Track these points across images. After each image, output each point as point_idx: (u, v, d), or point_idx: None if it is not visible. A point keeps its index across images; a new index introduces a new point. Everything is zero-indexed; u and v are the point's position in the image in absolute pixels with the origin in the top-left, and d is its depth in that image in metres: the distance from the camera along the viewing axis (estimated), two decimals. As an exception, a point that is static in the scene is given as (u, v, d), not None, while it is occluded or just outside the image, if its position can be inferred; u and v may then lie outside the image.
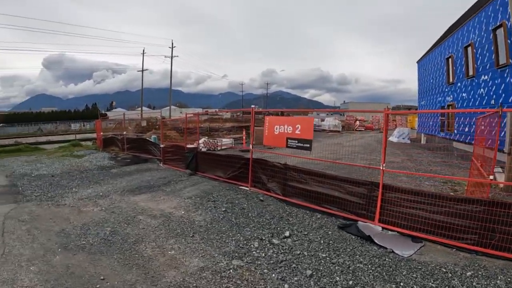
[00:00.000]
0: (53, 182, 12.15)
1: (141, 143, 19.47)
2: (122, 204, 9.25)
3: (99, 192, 10.70)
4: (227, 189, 10.24)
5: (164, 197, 9.66)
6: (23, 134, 48.84)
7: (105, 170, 15.04)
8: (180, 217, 7.84)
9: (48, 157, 19.02)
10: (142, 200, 9.40)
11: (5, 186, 11.52)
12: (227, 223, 7.42)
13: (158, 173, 13.87)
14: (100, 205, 9.24)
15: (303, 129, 8.72)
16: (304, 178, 8.63)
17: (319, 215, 7.85)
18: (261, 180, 9.90)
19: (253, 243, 6.28)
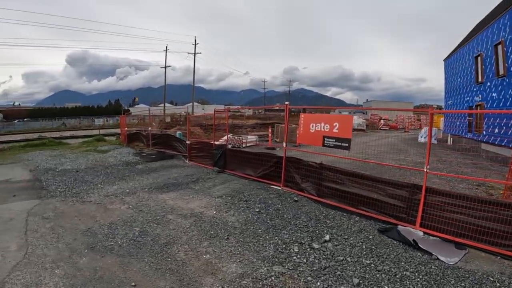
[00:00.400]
0: (78, 178, 11.94)
1: (166, 139, 19.29)
2: (150, 202, 8.94)
3: (125, 189, 10.44)
4: (258, 188, 9.89)
5: (193, 196, 9.36)
6: (47, 129, 49.75)
7: (130, 166, 14.82)
8: (212, 217, 7.53)
9: (72, 152, 19.00)
10: (171, 198, 9.13)
11: (28, 181, 11.37)
12: (262, 224, 7.06)
13: (184, 170, 13.51)
14: (127, 202, 8.96)
15: (342, 128, 8.44)
16: (340, 178, 8.35)
17: (356, 217, 7.55)
18: (294, 179, 9.64)
19: (293, 248, 5.95)
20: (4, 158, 17.09)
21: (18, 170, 13.46)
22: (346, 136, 8.32)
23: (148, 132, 20.46)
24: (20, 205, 8.61)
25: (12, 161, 15.90)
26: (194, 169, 13.45)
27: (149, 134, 20.29)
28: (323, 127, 8.80)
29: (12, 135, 38.41)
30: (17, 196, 9.46)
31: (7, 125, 55.27)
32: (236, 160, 12.28)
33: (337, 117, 9.17)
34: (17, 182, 11.20)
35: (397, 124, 50.75)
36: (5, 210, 8.16)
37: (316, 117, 9.24)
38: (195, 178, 11.64)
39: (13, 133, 42.71)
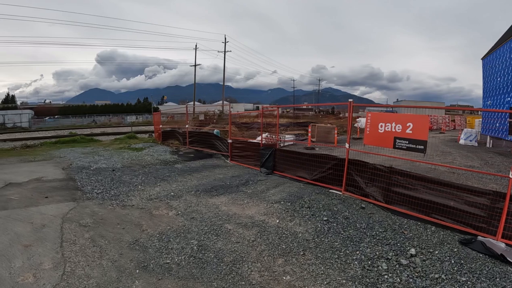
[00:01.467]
0: (115, 178, 11.03)
1: (205, 137, 18.56)
2: (200, 207, 7.99)
3: (169, 191, 9.56)
4: (317, 193, 9.10)
5: (247, 201, 8.57)
6: (77, 126, 50.34)
7: (169, 165, 13.97)
8: (277, 227, 6.74)
9: (105, 149, 18.31)
10: (223, 203, 8.34)
11: (62, 180, 10.49)
12: (337, 236, 6.33)
13: (228, 170, 12.77)
14: (174, 207, 8.01)
15: (416, 128, 7.83)
16: (411, 183, 7.75)
17: (432, 227, 6.85)
18: (357, 183, 9.00)
19: (381, 264, 5.24)
20: (36, 154, 16.47)
21: (50, 168, 12.68)
22: (421, 138, 7.75)
23: (185, 130, 19.51)
24: (53, 209, 7.67)
25: (43, 158, 15.23)
26: (238, 170, 12.75)
27: (185, 132, 19.48)
28: (395, 127, 8.20)
29: (43, 131, 38.84)
30: (50, 198, 8.55)
31: (38, 121, 56.23)
32: (287, 161, 11.64)
33: (411, 117, 8.47)
34: (49, 181, 10.35)
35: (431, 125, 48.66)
36: (36, 215, 7.21)
37: (386, 116, 8.66)
38: (244, 180, 10.84)
39: (43, 129, 43.25)
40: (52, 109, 76.16)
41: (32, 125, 52.31)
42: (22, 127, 49.62)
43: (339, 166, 9.47)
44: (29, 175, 11.21)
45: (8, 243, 5.69)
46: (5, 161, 14.41)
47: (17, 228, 6.43)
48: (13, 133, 37.15)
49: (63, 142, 22.83)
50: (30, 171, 11.96)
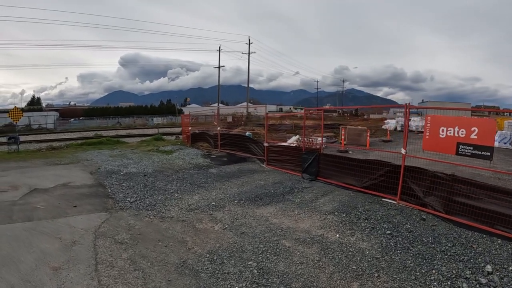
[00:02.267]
0: (148, 184, 10.22)
1: (238, 140, 17.72)
2: (248, 220, 7.16)
3: (210, 200, 8.70)
4: (370, 202, 8.45)
5: (298, 211, 7.80)
6: (102, 127, 50.46)
7: (202, 169, 13.14)
8: (339, 243, 6.05)
9: (133, 152, 17.63)
10: (273, 215, 7.55)
11: (91, 186, 9.72)
12: (406, 253, 5.68)
13: (267, 176, 11.89)
14: (219, 220, 7.17)
15: (482, 133, 7.31)
16: (475, 192, 7.22)
17: (498, 239, 6.28)
18: (414, 192, 8.44)
19: (461, 285, 4.73)
20: (62, 157, 15.90)
21: (77, 172, 11.98)
22: (487, 144, 7.29)
23: (217, 132, 18.74)
24: (83, 221, 6.86)
25: (70, 160, 14.61)
26: (277, 175, 11.94)
27: (217, 134, 18.68)
28: (458, 132, 7.70)
29: (68, 133, 39.07)
30: (79, 207, 7.76)
31: (63, 123, 56.90)
32: (333, 167, 10.94)
33: (476, 121, 8.02)
34: (77, 188, 9.60)
35: None
36: (65, 228, 6.39)
37: (448, 120, 8.13)
38: (288, 188, 10.01)
39: (69, 131, 43.62)
40: (77, 111, 77.20)
41: (57, 126, 52.94)
42: (48, 128, 50.14)
43: (393, 173, 8.87)
44: (56, 179, 10.51)
45: (33, 265, 4.86)
46: (31, 164, 13.83)
47: (44, 245, 5.60)
48: (38, 134, 37.27)
49: (89, 144, 22.37)
50: (57, 175, 11.28)
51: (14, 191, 9.07)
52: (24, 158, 15.68)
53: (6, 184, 10.00)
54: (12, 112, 19.75)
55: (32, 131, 44.06)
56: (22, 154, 17.30)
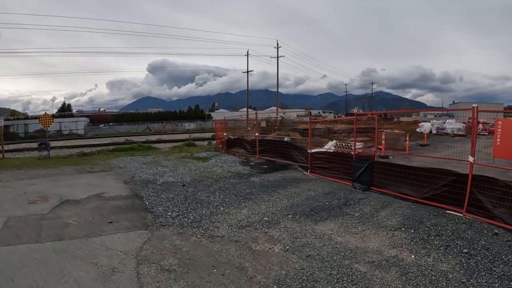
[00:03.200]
0: (188, 195, 9.34)
1: (277, 146, 16.77)
2: (310, 239, 6.32)
3: (260, 214, 7.82)
4: (435, 215, 7.72)
5: (361, 227, 7.01)
6: (132, 133, 50.74)
7: (244, 178, 12.23)
8: (417, 265, 5.31)
9: (166, 158, 16.87)
10: (335, 232, 6.74)
11: (126, 198, 8.88)
12: (491, 274, 4.98)
13: (314, 185, 10.99)
14: (277, 239, 6.32)
15: None
16: None
17: None
18: (481, 203, 7.75)
19: None
20: (93, 163, 15.28)
21: (111, 181, 11.24)
22: None
23: (255, 138, 17.92)
24: (122, 241, 5.97)
25: (102, 168, 13.93)
26: (325, 185, 11.08)
27: (255, 140, 17.77)
28: None
29: (98, 138, 39.39)
30: (115, 223, 6.89)
31: (93, 129, 57.68)
32: (388, 176, 10.20)
33: None
34: (112, 199, 8.78)
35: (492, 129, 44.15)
36: (101, 250, 5.49)
37: None
38: (342, 199, 9.15)
39: (99, 136, 44.05)
40: (106, 117, 78.19)
41: (88, 132, 53.65)
42: (78, 134, 50.83)
43: (458, 182, 8.23)
44: (88, 189, 9.76)
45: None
46: (61, 171, 13.21)
47: (77, 272, 4.73)
48: (69, 140, 37.53)
49: (121, 150, 21.91)
50: (89, 184, 10.55)
51: (43, 203, 8.35)
52: (54, 165, 15.16)
53: (35, 193, 9.30)
54: (43, 119, 19.41)
55: (63, 137, 44.73)
56: (52, 161, 16.84)
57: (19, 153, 23.69)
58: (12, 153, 23.20)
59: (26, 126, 52.60)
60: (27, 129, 52.10)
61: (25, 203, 8.38)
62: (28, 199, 8.73)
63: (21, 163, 16.09)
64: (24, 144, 33.46)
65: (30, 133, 50.69)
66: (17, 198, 8.85)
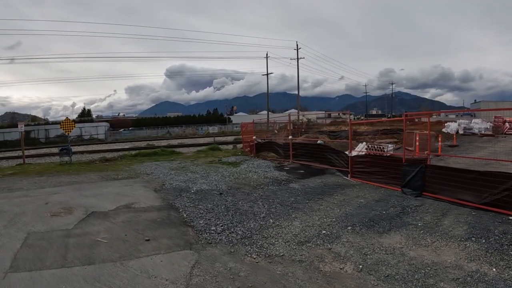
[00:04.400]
0: (229, 205, 8.36)
1: (313, 150, 15.76)
2: (381, 255, 5.52)
3: (315, 226, 6.93)
4: (499, 222, 7.06)
5: (430, 239, 6.24)
6: (152, 137, 50.36)
7: (283, 185, 11.22)
8: (503, 280, 4.65)
9: (193, 164, 15.97)
10: (404, 246, 5.95)
11: (160, 209, 7.91)
12: None
13: (360, 191, 10.13)
14: (345, 257, 5.45)
15: None
16: None
17: None
18: None
19: None
20: (117, 169, 14.45)
21: (139, 189, 10.33)
22: None
23: (288, 141, 17.08)
24: (165, 265, 5.01)
25: (128, 174, 13.04)
26: (372, 191, 10.24)
27: (288, 144, 16.86)
28: None
29: (119, 143, 39.05)
30: (153, 241, 5.89)
31: (113, 133, 57.55)
32: (443, 181, 9.55)
33: None
34: (143, 211, 7.82)
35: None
36: (142, 278, 4.54)
37: None
38: (398, 207, 8.31)
39: (120, 141, 43.87)
40: (126, 122, 78.32)
41: (108, 137, 53.59)
42: (99, 138, 50.69)
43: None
44: (116, 199, 8.85)
45: None
46: (85, 178, 12.37)
47: (116, 311, 3.67)
48: (90, 144, 37.20)
49: (144, 154, 21.14)
50: (116, 193, 9.66)
51: (67, 215, 7.45)
52: (76, 171, 14.40)
53: (58, 204, 8.42)
54: (64, 124, 18.75)
55: (84, 142, 44.57)
56: (74, 166, 16.11)
57: (40, 158, 23.38)
58: (33, 159, 22.95)
59: (47, 131, 52.77)
60: (48, 134, 52.24)
61: (48, 215, 7.50)
62: (50, 210, 7.85)
63: (42, 169, 15.43)
64: (45, 149, 33.35)
65: (51, 138, 50.88)
66: (38, 210, 8.00)
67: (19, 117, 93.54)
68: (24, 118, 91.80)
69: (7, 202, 9.00)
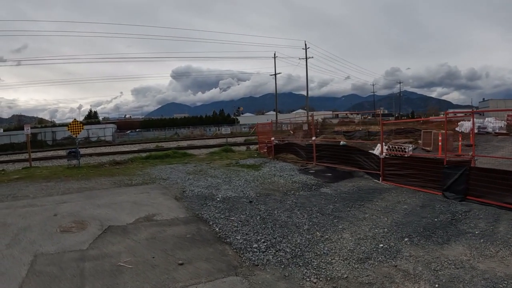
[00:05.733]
0: (264, 216, 7.35)
1: (338, 151, 14.86)
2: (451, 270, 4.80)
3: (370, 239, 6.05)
4: None
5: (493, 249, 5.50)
6: (161, 138, 49.60)
7: (314, 190, 10.20)
8: None
9: (210, 167, 15.04)
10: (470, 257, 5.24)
11: (186, 222, 6.89)
12: None
13: (398, 196, 9.23)
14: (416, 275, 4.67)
15: None
16: None
17: None
18: None
19: None
20: (130, 173, 13.48)
21: (158, 196, 9.32)
22: None
23: (311, 142, 16.04)
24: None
25: (142, 179, 12.04)
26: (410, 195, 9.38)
27: (311, 145, 15.90)
28: None
29: (127, 145, 38.43)
30: (188, 266, 4.88)
31: (121, 135, 56.83)
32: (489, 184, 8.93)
33: None
34: (168, 225, 6.78)
35: None
36: None
37: None
38: (448, 213, 7.50)
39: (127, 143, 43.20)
40: (133, 123, 77.64)
41: (116, 138, 52.98)
42: (106, 140, 50.01)
43: None
44: (134, 210, 7.84)
45: None
46: (96, 184, 11.38)
47: None
48: (98, 146, 36.42)
49: (156, 157, 20.16)
50: (133, 202, 8.64)
51: (80, 231, 6.41)
52: (86, 176, 13.45)
53: (69, 216, 7.41)
54: (72, 126, 17.80)
55: (91, 144, 43.95)
56: (83, 170, 15.16)
57: (47, 162, 22.64)
58: (39, 162, 22.20)
59: (53, 134, 52.10)
60: (54, 136, 51.58)
61: (57, 231, 6.49)
62: (60, 224, 6.83)
63: (49, 174, 14.50)
64: (52, 151, 32.65)
65: (58, 141, 50.29)
66: (46, 223, 6.98)
67: (26, 120, 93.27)
68: (31, 121, 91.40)
69: (11, 212, 8.02)
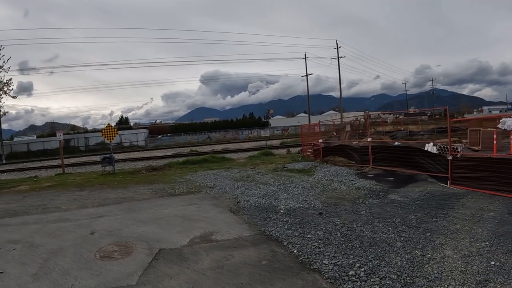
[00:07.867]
0: (344, 231, 6.09)
1: (398, 153, 13.56)
2: None
3: (476, 256, 4.93)
4: None
5: None
6: (193, 143, 49.12)
7: (382, 197, 8.95)
8: None
9: (256, 172, 13.97)
10: None
11: (255, 243, 5.63)
12: None
13: (478, 202, 7.95)
14: None
15: None
16: None
17: None
18: None
19: None
20: (170, 181, 12.46)
21: (210, 209, 8.11)
22: None
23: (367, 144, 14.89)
24: None
25: (186, 188, 10.91)
26: (488, 200, 8.13)
27: (366, 147, 14.75)
28: None
29: (160, 149, 38.06)
30: None
31: (153, 140, 56.69)
32: None
33: None
34: (233, 247, 5.52)
35: None
36: None
37: None
38: None
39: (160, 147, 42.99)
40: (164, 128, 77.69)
41: (148, 143, 52.93)
42: (139, 145, 50.06)
43: None
44: (185, 227, 6.66)
45: None
46: (135, 194, 10.31)
47: None
48: (131, 152, 36.02)
49: (193, 162, 19.29)
50: (182, 216, 7.46)
51: (125, 258, 5.17)
52: (122, 183, 12.48)
53: (108, 236, 6.24)
54: (106, 131, 17.01)
55: (124, 149, 43.97)
56: (119, 177, 14.25)
57: (80, 168, 22.22)
58: (73, 168, 21.88)
59: (86, 140, 52.50)
60: (87, 142, 51.97)
61: (96, 256, 5.26)
62: (98, 247, 5.62)
63: (83, 181, 13.65)
64: (85, 157, 32.50)
65: (90, 146, 50.76)
66: (81, 245, 5.81)
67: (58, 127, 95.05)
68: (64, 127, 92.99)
69: (40, 229, 6.97)
